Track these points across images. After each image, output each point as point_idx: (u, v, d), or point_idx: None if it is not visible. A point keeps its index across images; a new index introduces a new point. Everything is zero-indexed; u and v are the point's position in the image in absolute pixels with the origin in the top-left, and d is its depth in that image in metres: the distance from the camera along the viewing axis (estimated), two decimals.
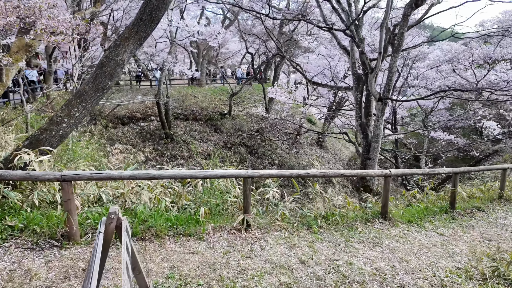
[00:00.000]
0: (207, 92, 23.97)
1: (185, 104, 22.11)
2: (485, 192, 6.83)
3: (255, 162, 20.01)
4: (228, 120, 21.98)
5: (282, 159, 21.17)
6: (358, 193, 7.62)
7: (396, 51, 6.66)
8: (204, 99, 23.07)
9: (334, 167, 24.74)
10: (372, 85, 6.62)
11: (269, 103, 21.25)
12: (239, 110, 23.50)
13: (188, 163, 18.56)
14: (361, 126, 7.31)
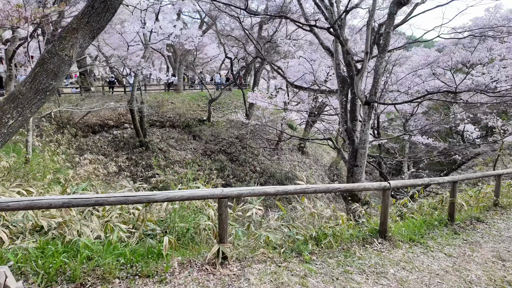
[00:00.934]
0: (185, 98, 23.05)
1: (162, 110, 21.09)
2: (480, 200, 6.45)
3: (236, 169, 19.26)
4: (207, 126, 21.14)
5: (263, 166, 20.54)
6: (346, 203, 7.05)
7: (382, 51, 6.19)
8: (182, 105, 22.14)
9: (316, 173, 24.39)
10: (358, 87, 6.10)
11: (249, 108, 20.63)
12: (218, 116, 22.73)
13: (164, 172, 17.53)
14: (347, 132, 6.77)
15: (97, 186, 13.92)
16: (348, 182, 7.09)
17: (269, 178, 19.93)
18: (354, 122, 6.88)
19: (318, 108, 20.94)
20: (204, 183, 5.54)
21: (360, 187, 4.13)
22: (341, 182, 24.99)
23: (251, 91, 14.30)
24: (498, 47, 12.13)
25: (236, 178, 18.76)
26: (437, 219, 5.12)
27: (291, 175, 21.58)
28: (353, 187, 4.17)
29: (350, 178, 6.97)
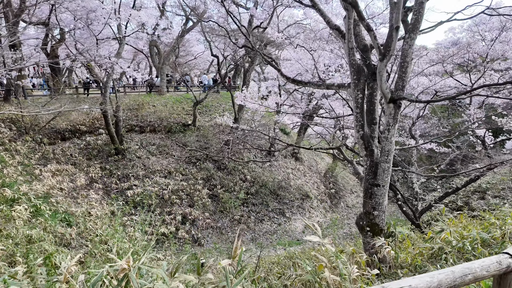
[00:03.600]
0: (168, 101, 21.14)
1: (141, 114, 19.14)
2: None
3: (224, 179, 17.42)
4: (192, 131, 19.27)
5: (254, 174, 18.75)
6: (362, 234, 5.26)
7: (412, 30, 4.53)
8: (164, 108, 20.22)
9: (310, 180, 22.74)
10: (382, 78, 4.41)
11: (238, 111, 18.86)
12: (205, 120, 20.88)
13: (143, 183, 15.57)
14: (363, 139, 5.03)
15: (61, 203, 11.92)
16: (366, 206, 5.34)
17: (260, 188, 18.15)
18: (373, 126, 5.14)
19: (312, 111, 19.34)
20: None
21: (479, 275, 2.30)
22: (337, 190, 23.38)
23: (240, 92, 12.56)
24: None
25: (224, 188, 16.92)
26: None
27: (284, 183, 19.85)
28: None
29: (368, 201, 5.19)
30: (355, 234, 17.71)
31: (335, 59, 13.13)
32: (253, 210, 16.76)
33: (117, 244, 10.27)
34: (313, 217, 19.39)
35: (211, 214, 15.25)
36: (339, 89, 5.83)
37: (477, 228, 5.82)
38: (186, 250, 13.47)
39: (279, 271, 9.88)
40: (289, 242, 15.53)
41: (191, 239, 14.00)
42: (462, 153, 12.01)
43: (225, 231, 14.99)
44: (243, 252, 12.15)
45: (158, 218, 14.27)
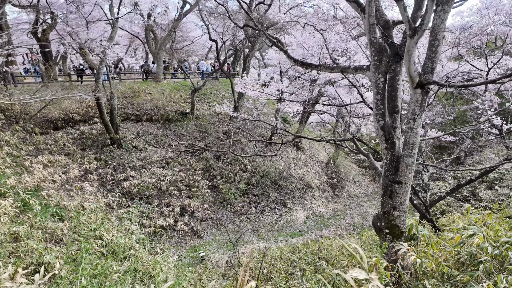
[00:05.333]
0: (165, 88, 20.34)
1: (137, 102, 18.39)
2: None
3: (223, 169, 16.85)
4: (190, 120, 18.58)
5: (255, 164, 18.19)
6: (379, 236, 4.67)
7: (446, 2, 3.81)
8: (161, 96, 19.45)
9: (312, 170, 22.21)
10: (411, 58, 3.76)
11: (238, 99, 18.12)
12: (203, 108, 20.15)
13: (140, 174, 15.00)
14: (384, 130, 4.39)
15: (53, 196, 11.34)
16: (384, 206, 4.74)
17: (261, 178, 17.62)
18: (394, 115, 4.50)
19: (315, 99, 18.61)
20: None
21: None
22: (339, 180, 22.88)
23: (240, 78, 11.82)
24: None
25: (224, 179, 16.38)
26: None
27: (285, 173, 19.32)
28: None
29: (387, 200, 4.59)
30: (357, 224, 17.33)
31: (340, 42, 12.33)
32: (254, 201, 16.27)
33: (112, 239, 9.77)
34: (315, 208, 18.96)
35: (210, 205, 14.75)
36: (356, 72, 5.15)
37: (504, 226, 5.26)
38: (186, 242, 13.05)
39: (282, 268, 9.44)
40: (291, 234, 15.13)
41: (190, 231, 13.54)
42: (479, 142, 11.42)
43: (225, 223, 14.52)
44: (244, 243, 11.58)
45: (156, 210, 13.76)
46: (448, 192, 10.19)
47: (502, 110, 9.52)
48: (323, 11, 13.11)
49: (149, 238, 12.35)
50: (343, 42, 12.37)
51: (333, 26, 9.82)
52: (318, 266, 8.35)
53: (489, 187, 16.58)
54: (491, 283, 3.21)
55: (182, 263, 11.42)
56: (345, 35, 11.91)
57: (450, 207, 15.27)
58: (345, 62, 12.22)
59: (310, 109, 13.62)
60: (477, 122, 11.07)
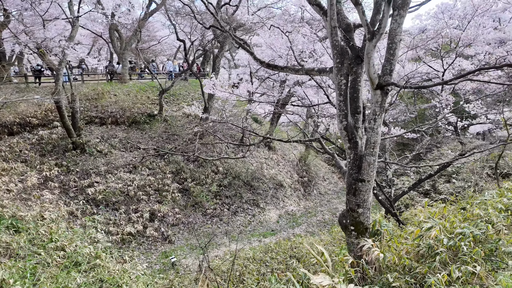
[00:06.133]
0: (131, 90, 19.65)
1: (101, 104, 17.61)
2: None
3: (195, 171, 16.57)
4: (159, 122, 18.08)
5: (227, 165, 18.07)
6: (346, 234, 4.81)
7: (402, 6, 4.00)
8: (127, 97, 18.77)
9: (284, 169, 22.50)
10: (371, 61, 3.89)
11: (209, 100, 17.91)
12: (172, 110, 19.70)
13: (106, 179, 14.36)
14: (347, 130, 4.52)
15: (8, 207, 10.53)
16: (349, 204, 4.88)
17: (234, 179, 17.54)
18: (357, 116, 4.64)
19: (285, 99, 18.84)
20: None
21: None
22: (310, 178, 23.35)
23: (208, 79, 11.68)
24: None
25: (196, 181, 16.11)
26: None
27: (258, 174, 19.39)
28: None
29: (352, 198, 4.73)
30: (328, 221, 17.75)
31: (307, 44, 12.57)
32: (226, 202, 16.16)
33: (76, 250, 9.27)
34: (287, 206, 19.20)
35: (181, 209, 14.45)
36: (320, 74, 5.25)
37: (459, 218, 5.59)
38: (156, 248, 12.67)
39: (254, 269, 9.45)
40: (264, 233, 15.19)
41: (160, 236, 13.17)
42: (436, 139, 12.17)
43: (197, 226, 14.29)
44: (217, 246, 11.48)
45: (124, 217, 13.25)
46: (410, 187, 10.73)
47: (456, 109, 10.17)
48: (290, 13, 13.29)
49: (116, 246, 11.85)
50: (311, 44, 12.63)
51: (300, 28, 9.98)
52: (290, 265, 8.46)
53: (448, 180, 17.69)
54: (446, 273, 3.40)
55: (153, 270, 11.08)
56: (312, 37, 12.16)
57: (413, 201, 16.11)
58: (312, 63, 12.48)
59: (279, 110, 13.74)
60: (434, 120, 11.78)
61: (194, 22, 14.60)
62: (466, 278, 3.39)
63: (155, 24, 29.89)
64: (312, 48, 12.75)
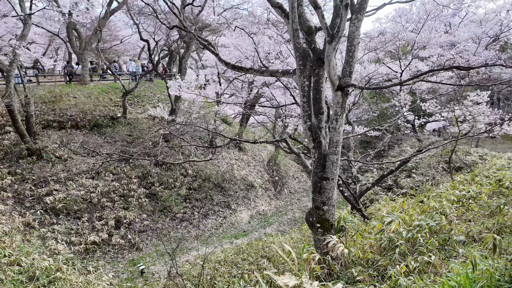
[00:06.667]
0: (93, 91, 18.72)
1: (60, 107, 16.60)
2: None
3: (162, 175, 16.12)
4: (123, 125, 17.38)
5: (196, 168, 17.79)
6: (313, 231, 4.92)
7: (359, 11, 4.20)
8: (88, 100, 17.85)
9: (254, 169, 22.60)
10: (331, 63, 4.00)
11: (175, 102, 17.52)
12: (137, 112, 19.04)
13: (66, 187, 13.55)
14: (311, 130, 4.63)
15: None
16: (315, 202, 5.00)
17: (204, 182, 17.31)
18: (320, 116, 4.76)
19: (253, 100, 18.93)
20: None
21: None
22: (280, 178, 23.66)
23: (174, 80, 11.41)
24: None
25: (164, 186, 15.68)
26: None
27: (228, 175, 19.30)
28: None
29: (317, 196, 4.85)
30: (298, 219, 18.07)
31: (274, 45, 12.71)
32: (197, 205, 15.90)
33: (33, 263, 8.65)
34: (259, 206, 19.30)
35: (149, 214, 14.00)
36: (284, 76, 5.33)
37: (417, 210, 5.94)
38: (123, 256, 12.16)
39: (225, 271, 9.38)
40: (236, 235, 15.14)
41: (127, 244, 12.66)
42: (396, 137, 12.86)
43: (166, 232, 13.92)
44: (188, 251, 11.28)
45: (87, 225, 12.58)
46: (374, 182, 11.23)
47: (413, 107, 10.80)
48: (256, 15, 13.38)
49: (79, 256, 11.22)
50: (277, 45, 12.79)
51: (265, 30, 10.07)
52: (261, 265, 8.49)
53: (408, 175, 18.74)
54: (404, 264, 3.59)
55: (120, 279, 10.63)
56: (278, 39, 12.32)
57: (377, 196, 16.87)
58: (279, 64, 12.64)
59: (246, 111, 13.78)
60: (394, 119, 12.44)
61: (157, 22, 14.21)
62: (422, 268, 3.60)
63: (118, 23, 28.72)
64: (279, 49, 12.92)
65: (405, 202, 6.02)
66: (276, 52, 13.15)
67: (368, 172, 20.96)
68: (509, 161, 12.05)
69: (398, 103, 11.73)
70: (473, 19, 18.27)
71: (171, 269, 9.13)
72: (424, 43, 10.84)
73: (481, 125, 12.76)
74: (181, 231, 14.18)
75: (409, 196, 8.29)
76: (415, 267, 3.54)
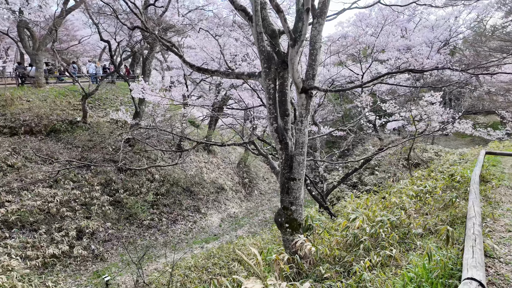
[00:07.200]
0: (49, 95, 17.56)
1: (11, 111, 15.38)
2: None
3: (127, 181, 15.49)
4: (83, 130, 16.48)
5: (164, 172, 17.32)
6: (281, 231, 4.98)
7: (320, 15, 4.32)
8: (44, 103, 16.72)
9: (224, 172, 22.48)
10: (294, 66, 4.08)
11: (139, 104, 16.94)
12: (99, 116, 18.15)
13: (20, 197, 12.57)
14: (277, 132, 4.69)
15: None
16: (283, 203, 5.06)
17: (172, 186, 16.90)
18: (286, 118, 4.84)
19: (221, 103, 18.82)
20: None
21: None
22: (250, 179, 23.72)
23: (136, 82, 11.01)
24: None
25: (129, 192, 15.07)
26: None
27: (198, 179, 19.01)
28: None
29: (285, 197, 4.91)
30: (269, 219, 18.23)
31: (241, 47, 12.74)
32: (165, 211, 15.47)
33: None
34: (229, 209, 19.20)
35: (114, 223, 13.38)
36: (249, 79, 5.35)
37: (380, 206, 6.21)
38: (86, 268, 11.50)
39: (196, 277, 9.21)
40: (206, 239, 14.94)
41: (90, 255, 12.00)
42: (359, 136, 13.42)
43: (133, 240, 13.38)
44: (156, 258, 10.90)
45: (45, 238, 11.74)
46: (339, 181, 11.61)
47: (374, 108, 11.33)
48: (222, 16, 13.32)
49: (37, 272, 10.47)
50: (244, 47, 12.83)
51: (231, 32, 10.06)
52: (232, 269, 8.44)
53: (372, 172, 19.62)
54: (368, 259, 3.73)
55: None
56: (244, 41, 12.36)
57: (344, 193, 17.48)
58: (246, 66, 12.68)
59: (214, 113, 13.66)
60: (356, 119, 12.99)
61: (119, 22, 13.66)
62: (384, 261, 3.77)
63: (76, 23, 27.23)
64: (245, 52, 12.97)
65: (369, 199, 6.29)
66: (243, 54, 13.18)
67: (334, 171, 21.66)
68: (460, 156, 13.02)
69: (360, 104, 12.24)
70: (426, 25, 19.58)
71: (138, 279, 8.80)
72: (382, 47, 11.44)
73: (435, 124, 13.69)
74: (149, 238, 13.72)
75: (373, 193, 8.67)
76: (378, 261, 3.71)
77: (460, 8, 17.44)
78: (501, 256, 3.46)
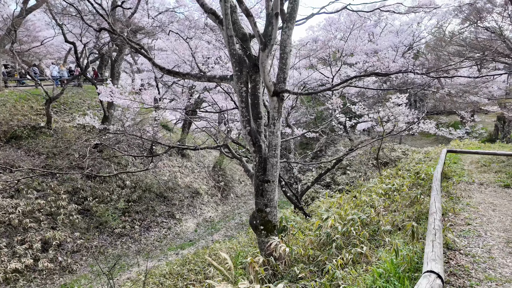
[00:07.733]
0: (8, 99, 16.49)
1: None
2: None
3: (96, 188, 14.85)
4: (47, 136, 15.61)
5: (135, 178, 16.79)
6: (257, 234, 5.01)
7: (289, 20, 4.41)
8: (3, 108, 15.68)
9: (199, 176, 22.19)
10: (265, 69, 4.13)
11: (108, 108, 16.33)
12: (65, 120, 17.28)
13: None
14: (251, 135, 4.72)
15: None
16: (258, 205, 5.09)
17: (144, 192, 16.41)
18: (258, 121, 4.88)
19: (194, 106, 18.57)
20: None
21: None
22: (226, 183, 23.57)
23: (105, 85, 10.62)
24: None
25: (98, 200, 14.46)
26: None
27: (171, 184, 18.60)
28: None
29: (260, 199, 4.94)
30: (245, 222, 18.19)
31: (213, 50, 12.68)
32: (137, 218, 14.99)
33: None
34: (205, 213, 18.96)
35: (83, 232, 12.78)
36: (222, 82, 5.33)
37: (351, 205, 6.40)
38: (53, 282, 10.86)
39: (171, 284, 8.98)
40: (182, 245, 14.64)
41: (58, 267, 11.37)
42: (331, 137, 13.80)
43: (103, 249, 12.84)
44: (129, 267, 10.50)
45: (6, 251, 10.98)
46: (313, 181, 11.84)
47: (344, 110, 11.68)
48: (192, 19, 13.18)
49: None
50: (216, 50, 12.77)
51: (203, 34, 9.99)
52: (207, 274, 8.32)
53: (344, 172, 20.18)
54: (340, 258, 3.84)
55: None
56: (217, 44, 12.31)
57: (318, 193, 17.84)
58: (219, 69, 12.62)
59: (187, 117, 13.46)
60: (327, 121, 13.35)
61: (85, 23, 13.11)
62: (356, 259, 3.89)
63: (37, 23, 25.76)
64: (218, 54, 12.91)
65: (342, 198, 6.47)
66: (215, 57, 13.12)
67: (308, 172, 22.06)
68: (425, 155, 13.74)
69: (332, 106, 12.57)
70: (392, 30, 20.56)
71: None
72: (351, 50, 11.86)
73: (402, 124, 14.38)
74: (120, 247, 13.23)
75: (345, 192, 8.92)
76: (349, 259, 3.82)
77: (421, 14, 18.49)
78: (461, 248, 3.69)
